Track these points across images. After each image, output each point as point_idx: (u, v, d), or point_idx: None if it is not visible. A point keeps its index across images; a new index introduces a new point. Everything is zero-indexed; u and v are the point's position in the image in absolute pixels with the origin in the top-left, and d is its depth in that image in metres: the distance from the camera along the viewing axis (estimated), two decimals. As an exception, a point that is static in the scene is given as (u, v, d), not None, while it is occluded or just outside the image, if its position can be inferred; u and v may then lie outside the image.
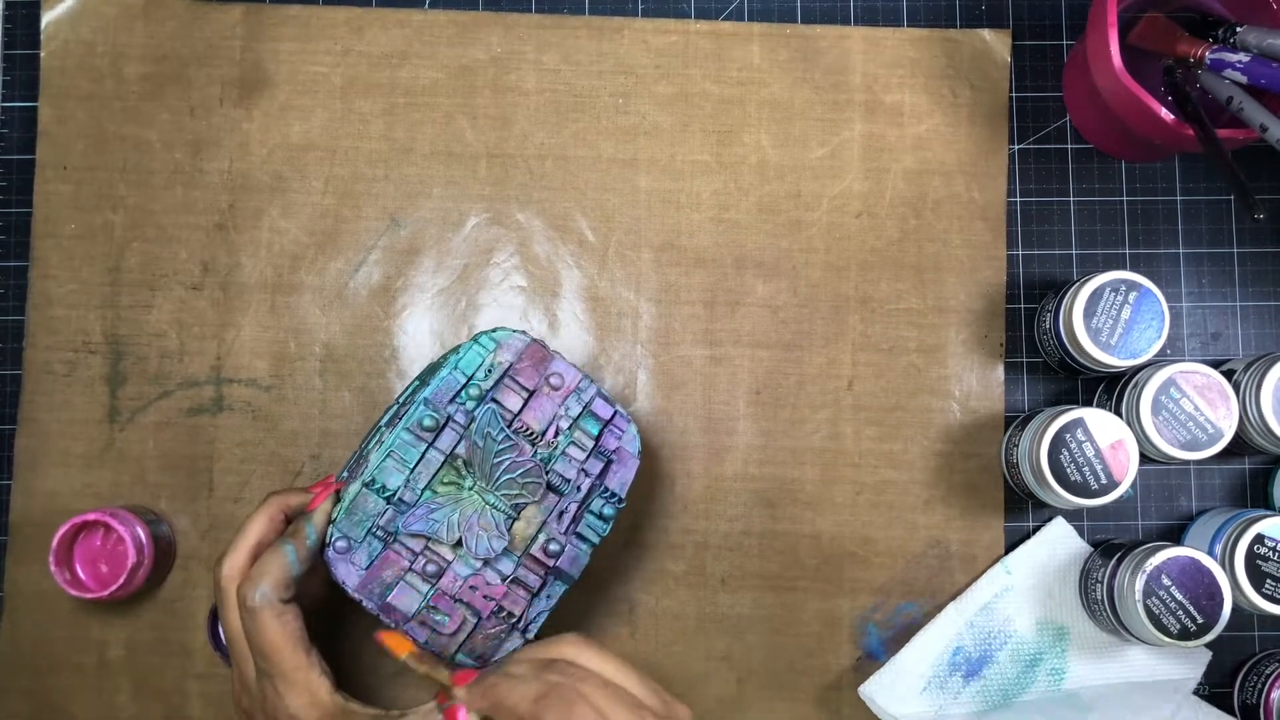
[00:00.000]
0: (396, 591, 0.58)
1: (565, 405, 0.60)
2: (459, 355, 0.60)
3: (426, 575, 0.58)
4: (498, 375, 0.60)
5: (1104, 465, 0.62)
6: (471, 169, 0.71)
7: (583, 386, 0.61)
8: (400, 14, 0.72)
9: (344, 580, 0.58)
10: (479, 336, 0.60)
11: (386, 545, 0.58)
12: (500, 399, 0.60)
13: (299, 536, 0.57)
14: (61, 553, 0.65)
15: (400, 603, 0.58)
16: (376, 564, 0.58)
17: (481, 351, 0.60)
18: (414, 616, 0.58)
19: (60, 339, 0.70)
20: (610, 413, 0.61)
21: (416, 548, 0.58)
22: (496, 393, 0.59)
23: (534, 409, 0.60)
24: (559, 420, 0.60)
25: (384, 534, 0.58)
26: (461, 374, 0.59)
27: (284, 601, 0.56)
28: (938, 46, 0.72)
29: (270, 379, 0.70)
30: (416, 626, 0.58)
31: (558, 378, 0.60)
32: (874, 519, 0.69)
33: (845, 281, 0.71)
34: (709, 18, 0.72)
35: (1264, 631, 0.69)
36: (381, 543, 0.58)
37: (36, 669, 0.68)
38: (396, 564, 0.58)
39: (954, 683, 0.67)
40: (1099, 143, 0.71)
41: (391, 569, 0.58)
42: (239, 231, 0.71)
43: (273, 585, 0.55)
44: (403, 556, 0.58)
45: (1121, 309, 0.63)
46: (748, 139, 0.71)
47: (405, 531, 0.58)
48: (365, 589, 0.58)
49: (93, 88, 0.72)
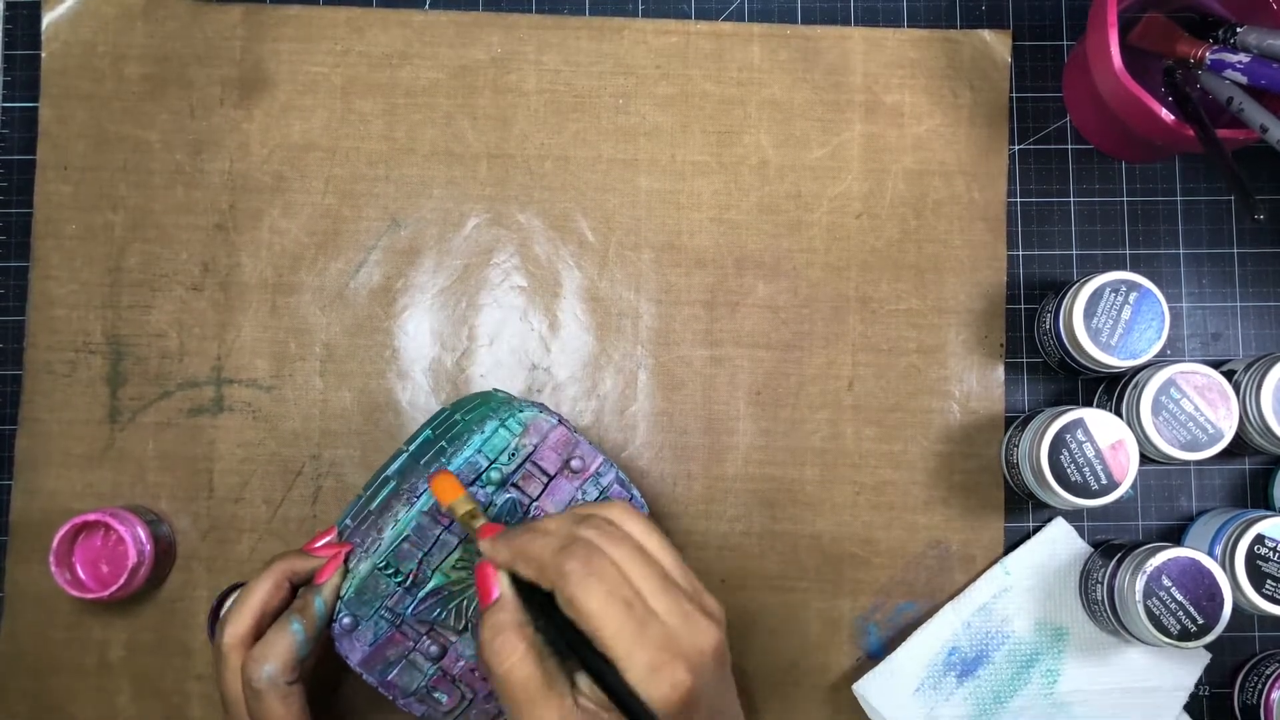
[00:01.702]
0: (399, 670, 0.58)
1: (582, 489, 0.59)
2: (484, 436, 0.58)
3: (430, 655, 0.58)
4: (520, 459, 0.58)
5: (1104, 465, 0.62)
6: (472, 169, 0.71)
7: (602, 470, 0.60)
8: (400, 14, 0.72)
9: (347, 655, 0.57)
10: (508, 416, 0.58)
11: (393, 626, 0.57)
12: (521, 484, 0.59)
13: (308, 615, 0.56)
14: (62, 553, 0.65)
15: (401, 680, 0.58)
16: (382, 643, 0.57)
17: (507, 435, 0.58)
18: (413, 693, 0.58)
19: (61, 339, 0.70)
20: (625, 500, 0.60)
21: (422, 629, 0.58)
22: (517, 477, 0.58)
23: (552, 493, 0.59)
24: (575, 505, 0.59)
25: (392, 615, 0.57)
26: (485, 458, 0.58)
27: (289, 684, 0.55)
28: (938, 47, 0.72)
29: (270, 379, 0.70)
30: (414, 702, 0.58)
31: (579, 461, 0.59)
32: (874, 519, 0.69)
33: (845, 282, 0.71)
34: (709, 18, 0.72)
35: (1264, 632, 0.69)
36: (389, 624, 0.57)
37: (36, 669, 0.68)
38: (401, 644, 0.58)
39: (948, 683, 0.67)
40: (1099, 143, 0.71)
41: (396, 648, 0.58)
42: (239, 232, 0.71)
43: (279, 667, 0.54)
44: (408, 637, 0.58)
45: (1121, 309, 0.63)
46: (748, 139, 0.71)
47: (414, 617, 0.57)
48: (368, 665, 0.57)
49: (93, 88, 0.72)
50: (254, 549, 0.69)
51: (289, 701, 0.54)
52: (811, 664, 0.69)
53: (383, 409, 0.70)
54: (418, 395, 0.70)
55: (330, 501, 0.69)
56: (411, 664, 0.58)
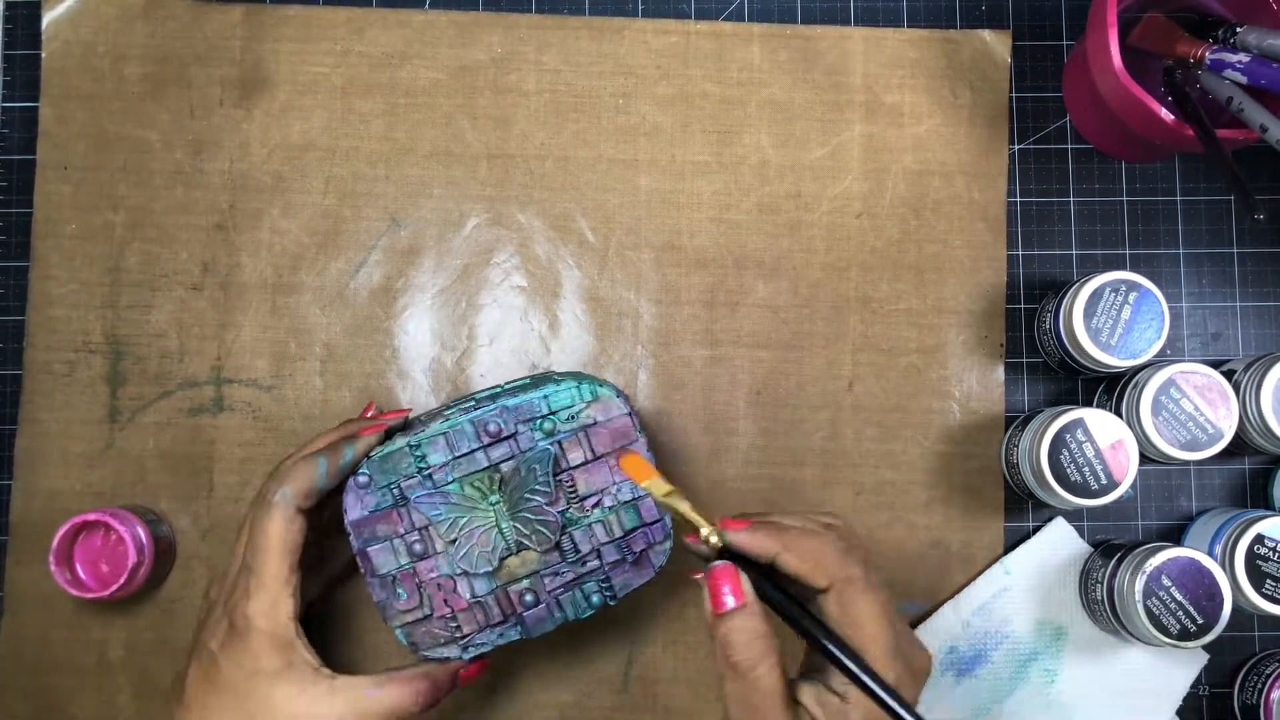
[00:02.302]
0: (379, 548, 0.59)
1: (619, 486, 0.60)
2: (556, 386, 0.59)
3: (411, 550, 0.59)
4: (577, 425, 0.59)
5: (1104, 465, 0.62)
6: (472, 169, 0.71)
7: None
8: (400, 14, 0.72)
9: (347, 510, 0.59)
10: (585, 380, 0.60)
11: (395, 505, 0.59)
12: (565, 446, 0.59)
13: (336, 454, 0.58)
14: (62, 553, 0.65)
15: (376, 558, 0.59)
16: (379, 515, 0.59)
17: (575, 395, 0.59)
18: (379, 575, 0.59)
19: (60, 339, 0.70)
20: (655, 518, 0.60)
21: (418, 523, 0.59)
22: (565, 439, 0.59)
23: (590, 472, 0.59)
24: (605, 495, 0.60)
25: (400, 494, 0.59)
26: (547, 405, 0.59)
27: (299, 510, 0.57)
28: (938, 47, 0.72)
29: (270, 379, 0.70)
30: (378, 585, 0.59)
31: (626, 445, 0.60)
32: (874, 519, 0.69)
33: (845, 282, 0.71)
34: (709, 18, 0.72)
35: (1264, 631, 0.69)
36: (393, 500, 0.59)
37: (36, 669, 0.68)
38: (394, 525, 0.59)
39: (946, 681, 0.67)
40: (1099, 143, 0.71)
41: (387, 526, 0.59)
42: (239, 232, 0.71)
43: (295, 489, 0.57)
44: (401, 522, 0.59)
45: (1121, 309, 0.63)
46: (748, 139, 0.71)
47: (415, 503, 0.58)
48: (358, 528, 0.59)
49: (93, 88, 0.72)
50: (254, 549, 0.69)
51: (291, 525, 0.56)
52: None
53: (383, 409, 0.70)
54: (418, 395, 0.70)
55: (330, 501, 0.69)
56: (392, 548, 0.59)
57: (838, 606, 0.49)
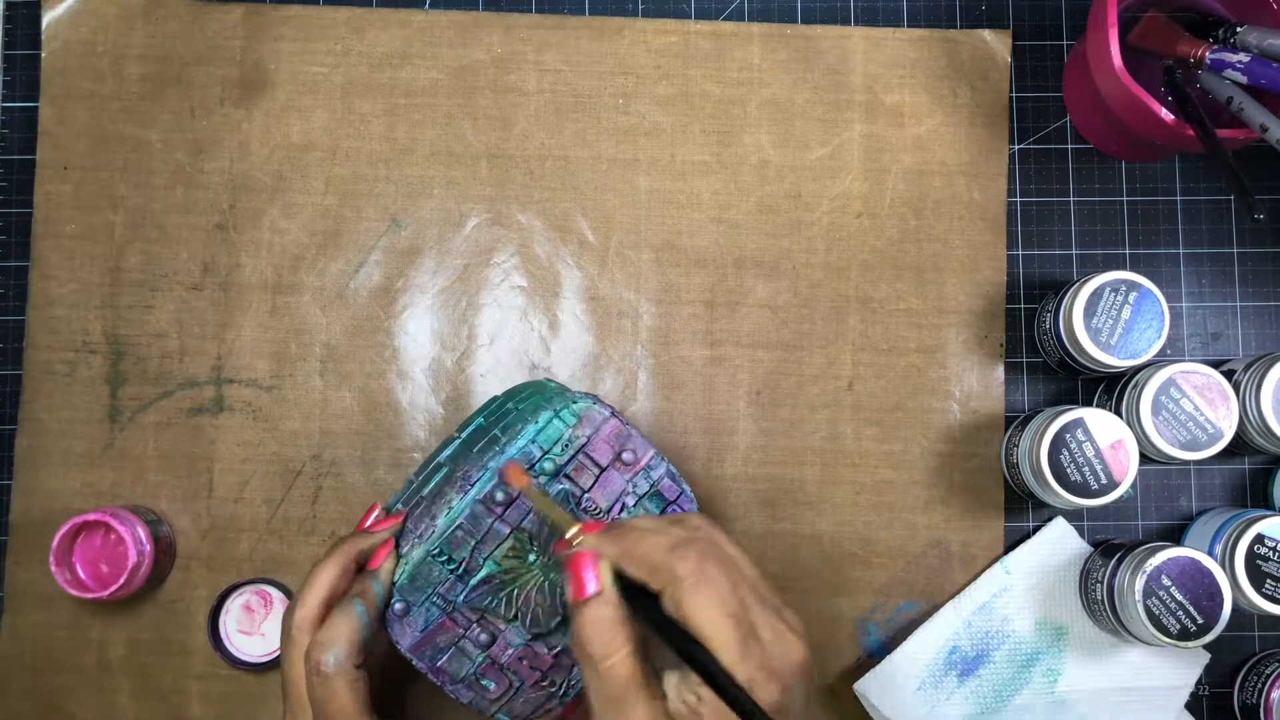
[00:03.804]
0: (449, 656, 0.57)
1: (633, 482, 0.59)
2: (539, 426, 0.58)
3: (479, 643, 0.57)
4: (574, 450, 0.58)
5: (1104, 465, 0.62)
6: (472, 169, 0.71)
7: (653, 464, 0.59)
8: (400, 14, 0.72)
9: (398, 640, 0.57)
10: (562, 408, 0.58)
11: (445, 613, 0.57)
12: (573, 475, 0.58)
13: (368, 597, 0.55)
14: (62, 553, 0.65)
15: (450, 666, 0.57)
16: (433, 629, 0.57)
17: (561, 426, 0.58)
18: (461, 680, 0.57)
19: (60, 339, 0.70)
20: (676, 493, 0.60)
21: (473, 616, 0.57)
22: (570, 468, 0.58)
23: (603, 485, 0.59)
24: (626, 496, 0.59)
25: (444, 602, 0.57)
26: (539, 448, 0.57)
27: (357, 668, 0.54)
28: (938, 47, 0.72)
29: (271, 379, 0.70)
30: (463, 689, 0.58)
31: (630, 454, 0.59)
32: (874, 519, 0.69)
33: (845, 282, 0.71)
34: (709, 18, 0.72)
35: (1264, 631, 0.69)
36: (440, 610, 0.57)
37: (36, 669, 0.68)
38: (452, 631, 0.57)
39: (949, 682, 0.67)
40: (1099, 143, 0.71)
41: (446, 635, 0.57)
42: (239, 232, 0.71)
43: (346, 650, 0.53)
44: (458, 624, 0.57)
45: (1121, 309, 0.63)
46: (748, 139, 0.71)
47: (466, 604, 0.57)
48: (418, 651, 0.57)
49: (93, 88, 0.72)
50: (254, 549, 0.69)
51: (355, 687, 0.53)
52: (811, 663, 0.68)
53: (383, 409, 0.70)
54: (418, 395, 0.70)
55: (330, 501, 0.69)
56: (461, 651, 0.57)
57: (672, 606, 0.47)
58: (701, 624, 0.46)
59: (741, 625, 0.46)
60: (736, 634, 0.46)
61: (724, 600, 0.46)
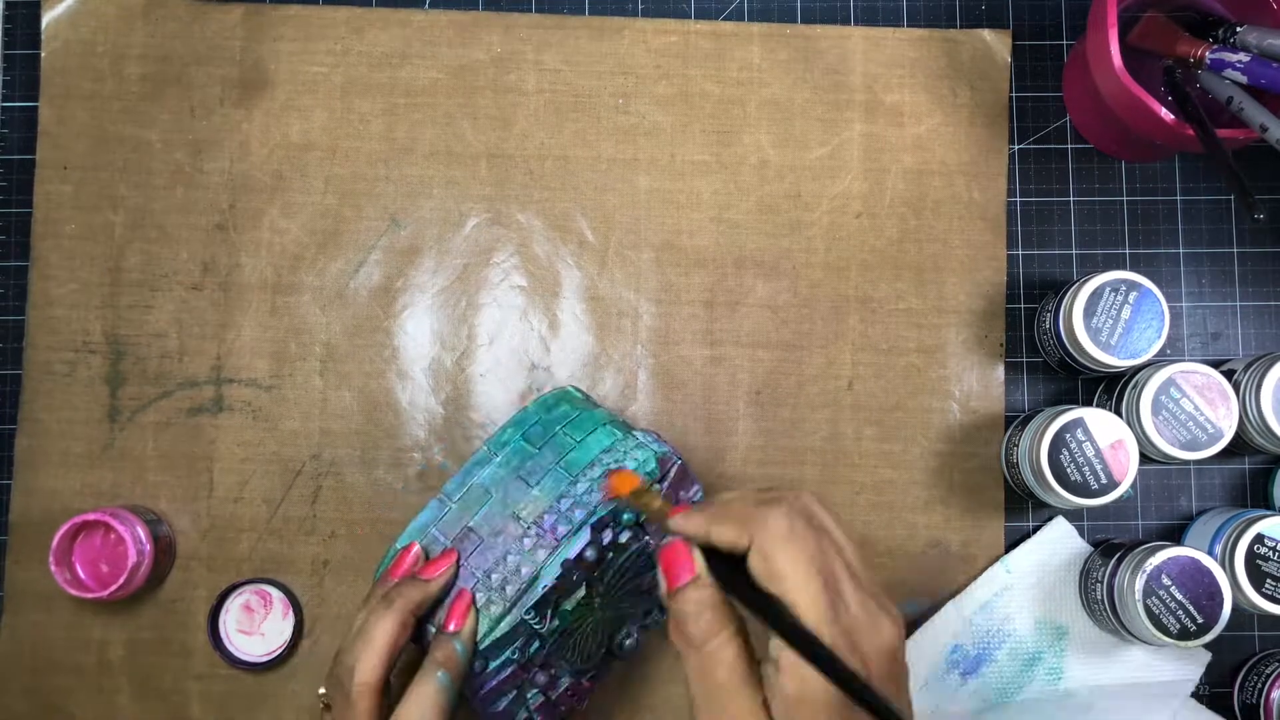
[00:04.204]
0: (509, 699, 0.56)
1: None
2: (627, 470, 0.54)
3: (538, 684, 0.57)
4: None
5: (1104, 465, 0.62)
6: (472, 169, 0.71)
7: (696, 496, 0.60)
8: (400, 14, 0.72)
9: (469, 694, 0.55)
10: (634, 447, 0.56)
11: (519, 665, 0.55)
12: (645, 522, 0.57)
13: (452, 664, 0.52)
14: (61, 553, 0.65)
15: (509, 708, 0.57)
16: (503, 680, 0.55)
17: (647, 476, 0.55)
18: (515, 717, 0.57)
19: (60, 339, 0.70)
20: None
21: (539, 663, 0.57)
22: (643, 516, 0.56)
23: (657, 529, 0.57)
24: None
25: (520, 655, 0.55)
26: None
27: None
28: (938, 46, 0.72)
29: (270, 379, 0.70)
30: None
31: (685, 492, 0.59)
32: (874, 519, 0.69)
33: (845, 282, 0.71)
34: (709, 18, 0.72)
35: (1264, 631, 0.69)
36: (515, 663, 0.55)
37: (36, 669, 0.68)
38: (519, 678, 0.56)
39: (952, 680, 0.67)
40: (1099, 143, 0.71)
41: (512, 681, 0.56)
42: (239, 231, 0.71)
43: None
44: (527, 672, 0.56)
45: (1121, 309, 0.63)
46: (748, 139, 0.71)
47: (543, 663, 0.56)
48: (484, 699, 0.56)
49: (93, 88, 0.72)
50: (254, 548, 0.69)
51: None
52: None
53: (383, 409, 0.70)
54: (418, 395, 0.70)
55: (330, 501, 0.69)
56: (521, 694, 0.57)
57: (759, 560, 0.44)
58: (786, 575, 0.43)
59: (830, 589, 0.43)
60: (824, 596, 0.43)
61: (814, 557, 0.44)
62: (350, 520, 0.69)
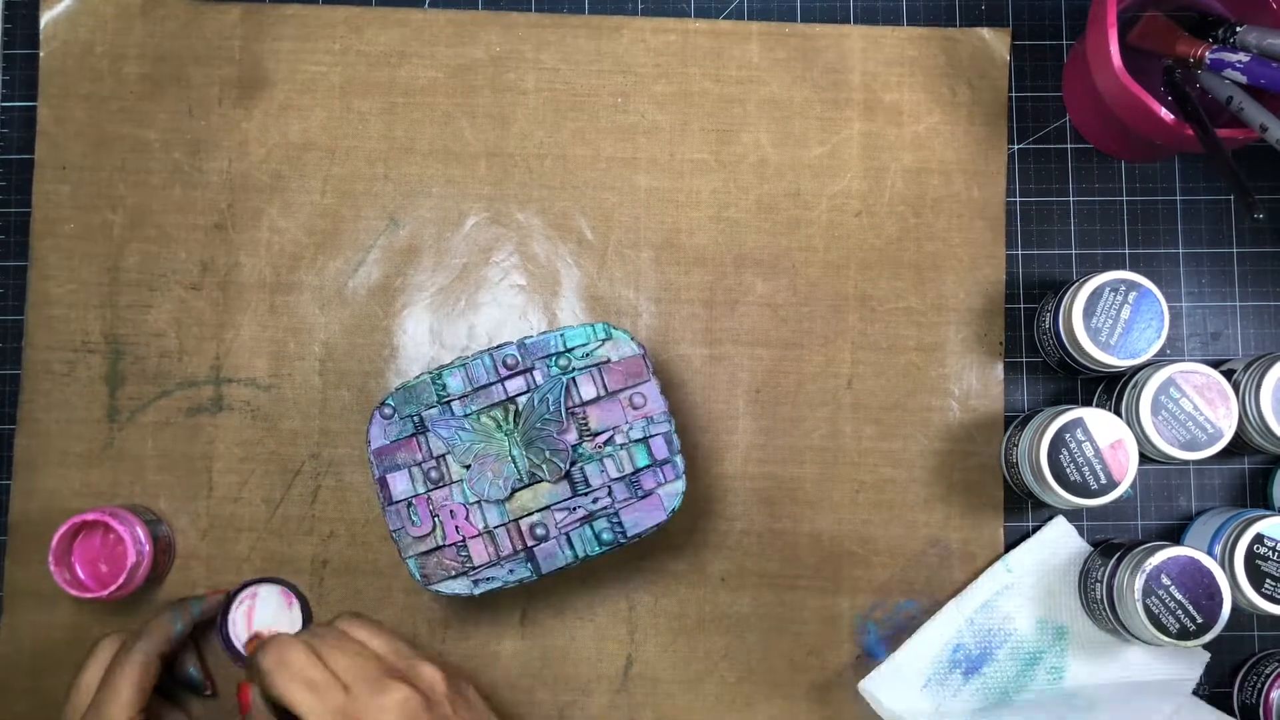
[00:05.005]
0: (398, 474, 0.62)
1: (631, 424, 0.62)
2: (574, 329, 0.62)
3: (428, 477, 0.62)
4: (590, 362, 0.62)
5: (1104, 465, 0.62)
6: (471, 168, 0.71)
7: (657, 419, 0.62)
8: (399, 13, 0.72)
9: (370, 439, 0.62)
10: (599, 323, 0.63)
11: (415, 434, 0.62)
12: (579, 381, 0.62)
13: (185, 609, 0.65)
14: (61, 552, 0.65)
15: (394, 484, 0.62)
16: (399, 443, 0.62)
17: (590, 334, 0.62)
18: (396, 502, 0.61)
19: (60, 339, 0.70)
20: (664, 457, 0.62)
21: (435, 451, 0.62)
22: (579, 375, 0.62)
23: (603, 409, 0.62)
24: (617, 432, 0.62)
25: (419, 422, 0.62)
26: (563, 342, 0.62)
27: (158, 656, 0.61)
28: (937, 45, 0.72)
29: (269, 378, 0.70)
30: (394, 512, 0.61)
31: (641, 398, 0.62)
32: (873, 517, 0.69)
33: (844, 280, 0.71)
34: (708, 16, 0.72)
35: (1264, 631, 0.69)
36: (413, 428, 0.62)
37: (36, 669, 0.68)
38: (412, 453, 0.62)
39: (954, 680, 0.67)
40: (1099, 143, 0.71)
41: (406, 454, 0.62)
42: (238, 231, 0.71)
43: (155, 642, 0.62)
44: (420, 450, 0.62)
45: (1121, 309, 0.63)
46: (747, 138, 0.71)
47: (434, 429, 0.61)
48: (379, 456, 0.62)
49: (92, 88, 0.71)
50: (253, 548, 0.69)
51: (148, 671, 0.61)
52: (810, 662, 0.69)
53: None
54: (417, 395, 0.70)
55: (329, 500, 0.69)
56: (409, 475, 0.62)
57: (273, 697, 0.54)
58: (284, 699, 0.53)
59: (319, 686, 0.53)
60: (312, 694, 0.53)
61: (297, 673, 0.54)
62: (350, 520, 0.69)
